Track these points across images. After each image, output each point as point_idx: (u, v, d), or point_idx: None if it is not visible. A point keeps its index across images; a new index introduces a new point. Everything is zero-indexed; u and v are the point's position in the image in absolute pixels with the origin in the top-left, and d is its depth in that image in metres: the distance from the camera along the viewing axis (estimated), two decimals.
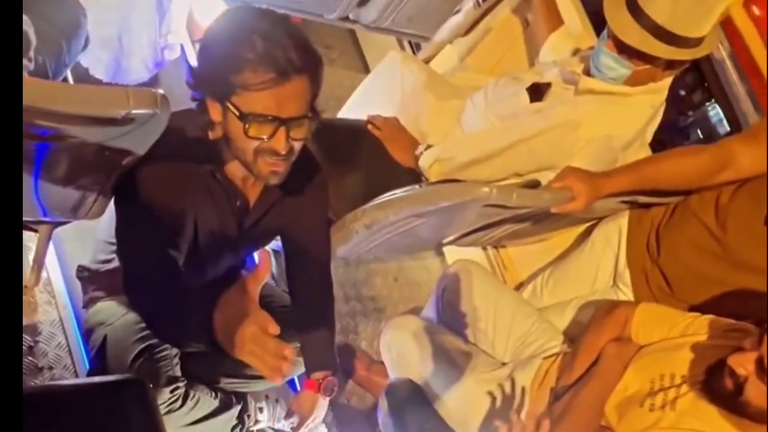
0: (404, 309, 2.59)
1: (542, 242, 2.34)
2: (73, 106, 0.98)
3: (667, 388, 1.48)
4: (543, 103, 1.88)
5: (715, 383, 1.36)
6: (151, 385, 1.63)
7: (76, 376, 1.90)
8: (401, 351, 1.93)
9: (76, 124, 1.00)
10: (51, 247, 1.98)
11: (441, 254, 2.71)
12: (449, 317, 2.01)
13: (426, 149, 1.98)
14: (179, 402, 1.66)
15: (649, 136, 1.92)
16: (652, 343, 1.60)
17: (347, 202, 1.88)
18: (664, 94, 1.83)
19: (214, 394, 1.80)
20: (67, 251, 2.03)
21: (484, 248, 2.55)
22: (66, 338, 1.96)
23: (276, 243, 1.82)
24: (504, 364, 1.87)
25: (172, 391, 1.64)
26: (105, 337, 1.65)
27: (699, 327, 1.55)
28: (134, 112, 1.00)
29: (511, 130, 1.86)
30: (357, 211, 1.80)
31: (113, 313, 1.67)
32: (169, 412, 1.65)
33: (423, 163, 1.96)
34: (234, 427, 1.88)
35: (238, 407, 1.89)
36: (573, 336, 1.86)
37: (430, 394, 1.86)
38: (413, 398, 1.86)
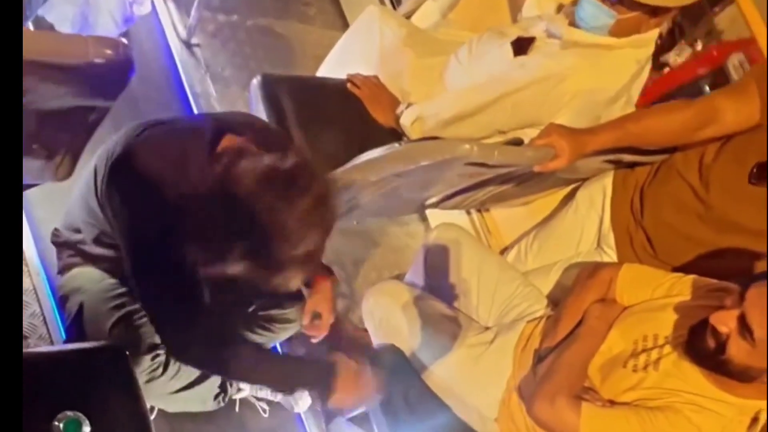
0: (388, 275, 2.57)
1: (527, 205, 2.34)
2: (31, 53, 0.94)
3: (650, 348, 1.48)
4: (527, 57, 1.85)
5: (697, 342, 1.37)
6: (130, 353, 1.62)
7: (52, 345, 1.88)
8: (384, 317, 1.92)
9: (33, 74, 0.96)
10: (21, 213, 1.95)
11: (425, 220, 2.70)
12: (433, 282, 2.00)
13: (407, 107, 1.95)
14: (160, 370, 1.65)
15: (634, 95, 1.90)
16: (637, 304, 1.61)
17: (326, 164, 1.85)
18: (650, 48, 1.81)
19: None
20: (39, 217, 1.98)
21: (469, 212, 2.55)
22: (40, 307, 1.93)
23: None
24: (488, 328, 1.87)
25: (152, 359, 1.63)
26: (81, 305, 1.62)
27: (683, 287, 1.55)
28: (96, 60, 0.97)
29: (494, 85, 1.83)
30: (336, 172, 1.76)
31: (90, 279, 1.63)
32: (150, 380, 1.64)
33: (404, 121, 1.93)
34: (216, 396, 1.88)
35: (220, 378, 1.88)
36: (557, 299, 1.86)
37: (416, 362, 1.85)
38: (396, 365, 1.85)
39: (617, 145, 1.72)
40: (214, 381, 1.85)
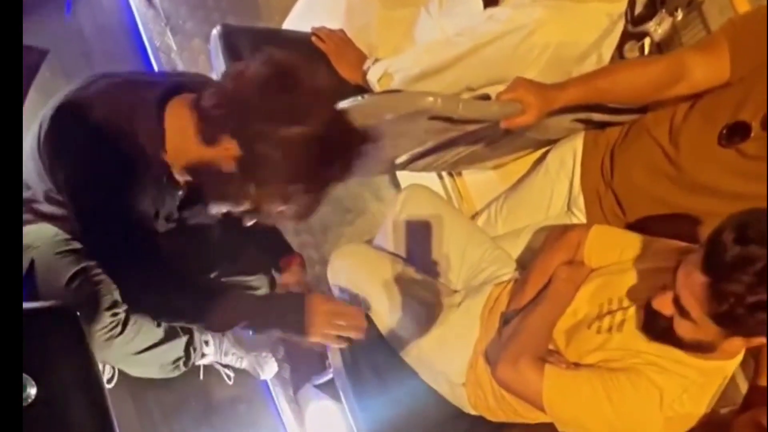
0: (359, 241, 2.55)
1: (498, 170, 2.33)
2: None
3: (614, 311, 1.48)
4: (496, 9, 1.82)
5: (651, 321, 1.37)
6: (89, 309, 1.60)
7: None
8: (350, 280, 1.91)
9: None
10: None
11: (397, 186, 2.68)
12: (400, 245, 1.98)
13: (374, 63, 1.91)
14: (119, 328, 1.65)
15: (606, 54, 1.87)
16: (604, 266, 1.60)
17: None
18: (623, 3, 1.78)
19: (158, 323, 1.78)
20: None
21: (441, 177, 2.53)
22: None
23: None
24: (456, 291, 1.86)
25: (112, 315, 1.63)
26: (32, 262, 1.60)
27: (650, 249, 1.54)
28: None
29: (462, 39, 1.79)
30: None
31: (42, 236, 1.60)
32: (110, 338, 1.65)
33: (371, 77, 1.89)
34: (178, 359, 1.86)
35: (184, 339, 1.87)
36: (526, 263, 1.85)
37: (383, 328, 1.83)
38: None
39: (586, 101, 1.69)
40: (178, 343, 1.85)
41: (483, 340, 1.69)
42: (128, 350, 1.71)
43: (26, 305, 1.59)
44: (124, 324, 1.66)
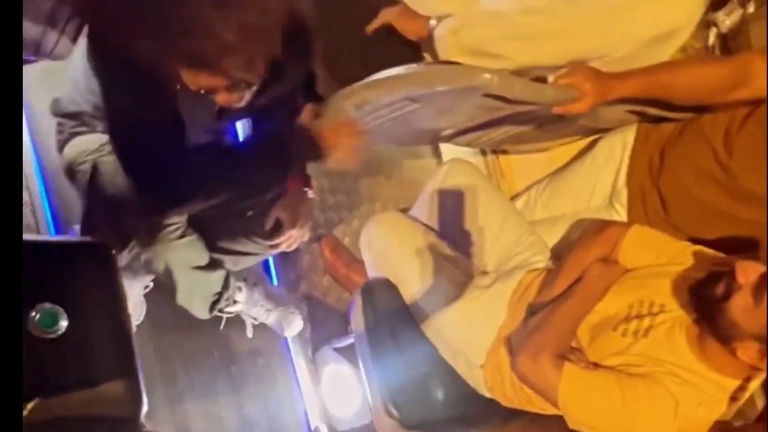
0: (394, 208, 2.58)
1: (544, 153, 2.32)
2: None
3: (643, 315, 1.50)
4: None
5: (705, 286, 1.38)
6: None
7: (38, 234, 1.92)
8: (381, 249, 1.95)
9: None
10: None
11: (439, 156, 2.69)
12: (436, 218, 2.00)
13: (441, 20, 1.83)
14: (177, 233, 1.75)
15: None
16: (639, 268, 1.61)
17: (341, 81, 1.83)
18: None
19: (207, 248, 1.86)
20: (34, 100, 1.98)
21: (484, 153, 2.54)
22: (29, 195, 1.96)
23: None
24: (486, 273, 1.88)
25: (178, 216, 1.72)
26: (95, 165, 1.66)
27: (688, 257, 1.56)
28: None
29: (561, 8, 1.71)
30: (348, 89, 1.75)
31: (98, 142, 1.66)
32: (173, 239, 1.74)
33: (440, 31, 1.81)
34: (217, 295, 1.96)
35: (223, 272, 1.95)
36: (560, 253, 1.87)
37: (409, 299, 1.88)
38: (388, 299, 1.89)
39: (644, 94, 1.68)
40: (219, 275, 1.94)
41: (508, 326, 1.72)
42: (184, 259, 1.80)
43: (64, 238, 1.68)
44: (182, 236, 1.75)
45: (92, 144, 1.66)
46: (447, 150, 2.58)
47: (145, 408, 1.52)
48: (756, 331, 1.28)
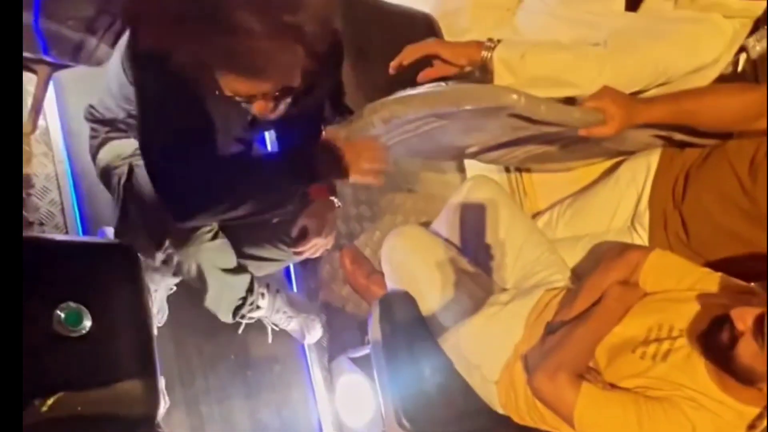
0: (415, 221, 2.61)
1: (568, 173, 2.33)
2: None
3: (662, 339, 1.50)
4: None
5: (712, 333, 1.39)
6: None
7: (67, 234, 1.96)
8: (401, 261, 1.97)
9: None
10: (52, 96, 2.00)
11: (463, 171, 2.71)
12: (458, 234, 2.02)
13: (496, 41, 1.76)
14: (210, 235, 1.77)
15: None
16: (659, 292, 1.61)
17: (370, 94, 1.86)
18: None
19: (234, 252, 1.89)
20: (70, 103, 2.03)
21: (508, 170, 2.56)
22: (60, 195, 2.01)
23: None
24: (505, 290, 1.90)
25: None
26: (131, 169, 1.69)
27: (708, 283, 1.56)
28: None
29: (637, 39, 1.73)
30: (377, 103, 1.78)
31: (131, 146, 1.69)
32: (214, 236, 1.78)
33: (501, 53, 1.73)
34: (240, 301, 1.98)
35: (248, 277, 1.98)
36: (580, 273, 1.88)
37: (427, 313, 1.89)
38: (406, 311, 1.90)
39: (670, 121, 1.69)
40: (243, 279, 1.96)
41: (525, 343, 1.73)
42: (216, 261, 1.82)
43: (90, 239, 1.72)
44: (214, 237, 1.77)
45: (128, 148, 1.69)
46: (471, 166, 2.60)
47: (163, 409, 1.55)
48: None
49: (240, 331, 2.09)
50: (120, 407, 1.46)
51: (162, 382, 1.53)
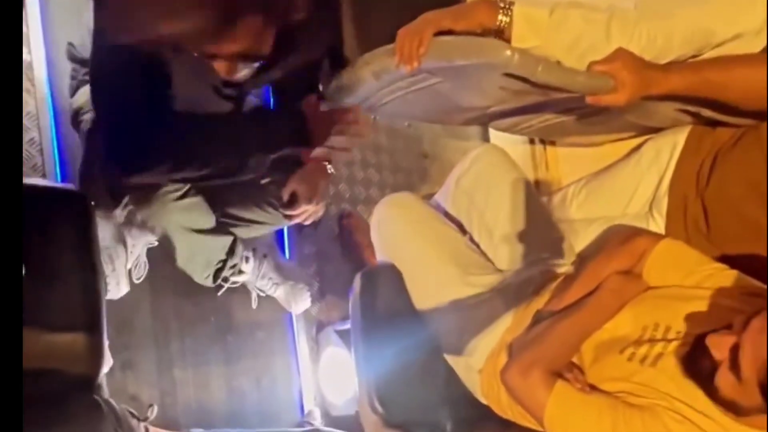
0: (427, 190, 2.48)
1: (594, 148, 2.16)
2: None
3: (656, 340, 1.34)
4: None
5: (695, 356, 1.22)
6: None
7: (44, 178, 1.90)
8: (390, 231, 1.85)
9: None
10: (38, 28, 1.93)
11: (487, 140, 2.55)
12: (459, 206, 1.88)
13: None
14: (176, 194, 1.69)
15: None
16: (662, 286, 1.45)
17: (370, 45, 1.72)
18: None
19: (214, 212, 1.82)
20: (57, 36, 1.94)
21: (532, 141, 2.39)
22: (39, 134, 1.93)
23: None
24: (500, 271, 1.75)
25: (173, 182, 1.66)
26: None
27: (719, 281, 1.37)
28: None
29: None
30: (367, 55, 1.67)
31: None
32: (169, 200, 1.69)
33: (520, 9, 1.48)
34: (220, 264, 1.91)
35: (230, 239, 1.90)
36: (584, 258, 1.71)
37: (413, 290, 1.78)
38: (389, 287, 1.79)
39: (693, 92, 1.49)
40: (224, 242, 1.89)
41: (512, 331, 1.58)
42: (184, 221, 1.75)
43: (41, 182, 1.65)
44: (183, 195, 1.69)
45: None
46: (495, 135, 2.45)
47: (106, 368, 1.49)
48: (758, 408, 1.11)
49: (219, 294, 2.00)
50: (59, 363, 1.40)
51: (106, 342, 1.46)
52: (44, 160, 1.92)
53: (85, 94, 1.65)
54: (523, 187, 1.84)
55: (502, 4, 1.47)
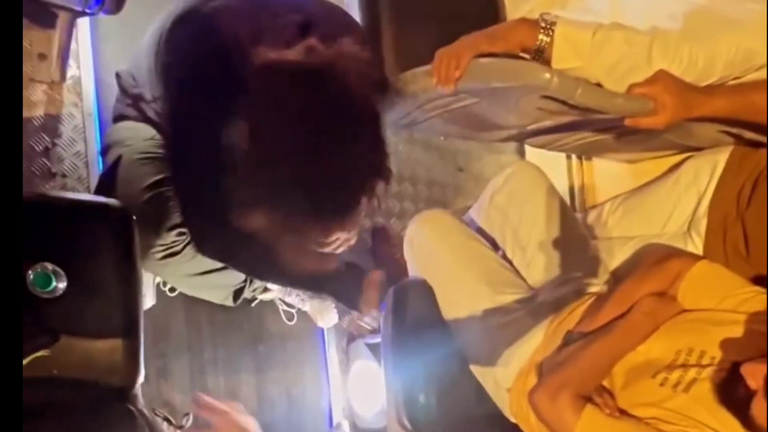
0: (461, 204, 2.48)
1: (632, 165, 2.15)
2: None
3: (689, 365, 1.32)
4: None
5: (732, 384, 1.21)
6: (156, 224, 1.64)
7: (89, 191, 1.94)
8: (423, 247, 1.85)
9: None
10: (87, 45, 1.98)
11: (522, 155, 2.55)
12: (492, 223, 1.89)
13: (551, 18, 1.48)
14: (180, 247, 1.68)
15: None
16: (698, 310, 1.44)
17: (409, 61, 1.73)
18: None
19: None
20: (105, 53, 2.00)
21: (569, 157, 2.39)
22: (86, 148, 1.98)
23: None
24: (532, 289, 1.76)
25: (177, 235, 1.66)
26: (119, 158, 1.65)
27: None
28: None
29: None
30: (407, 74, 1.68)
31: (137, 135, 1.64)
32: (169, 255, 1.68)
33: (563, 31, 1.45)
34: (238, 290, 1.91)
35: None
36: (618, 278, 1.70)
37: (444, 306, 1.78)
38: (421, 303, 1.79)
39: (736, 116, 1.47)
40: (234, 274, 1.88)
41: (542, 351, 1.58)
42: (185, 270, 1.75)
43: (84, 197, 1.69)
44: (187, 244, 1.68)
45: (132, 135, 1.63)
46: (531, 149, 2.45)
47: (140, 380, 1.52)
48: None
49: (252, 305, 2.04)
50: (97, 374, 1.44)
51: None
52: (89, 172, 1.97)
53: (119, 131, 1.67)
54: (558, 205, 1.84)
55: (543, 24, 1.46)
